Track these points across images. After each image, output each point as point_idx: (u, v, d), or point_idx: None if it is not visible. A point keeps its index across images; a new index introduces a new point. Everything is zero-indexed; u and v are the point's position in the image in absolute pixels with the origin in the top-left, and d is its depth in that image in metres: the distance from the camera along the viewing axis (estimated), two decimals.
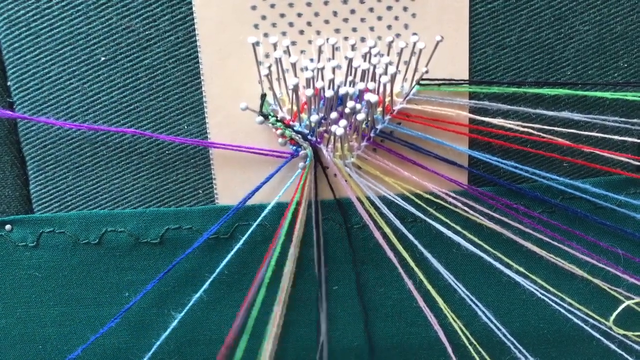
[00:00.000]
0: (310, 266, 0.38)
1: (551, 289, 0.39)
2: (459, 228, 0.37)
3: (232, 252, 0.36)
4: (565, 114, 0.36)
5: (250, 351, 0.37)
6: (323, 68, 0.32)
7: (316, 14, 0.34)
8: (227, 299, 0.38)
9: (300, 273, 0.38)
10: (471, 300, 0.38)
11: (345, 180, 0.37)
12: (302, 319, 0.39)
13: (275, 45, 0.33)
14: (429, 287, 0.38)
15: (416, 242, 0.37)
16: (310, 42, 0.34)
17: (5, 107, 0.35)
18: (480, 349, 0.39)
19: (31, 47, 0.34)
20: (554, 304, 0.38)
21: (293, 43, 0.34)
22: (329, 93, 0.32)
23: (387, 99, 0.34)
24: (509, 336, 0.39)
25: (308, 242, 0.38)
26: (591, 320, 0.39)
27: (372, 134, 0.35)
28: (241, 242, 0.36)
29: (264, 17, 0.34)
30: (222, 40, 0.34)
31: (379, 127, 0.35)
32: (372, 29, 0.34)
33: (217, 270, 0.36)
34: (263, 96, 0.34)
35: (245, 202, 0.36)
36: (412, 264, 0.38)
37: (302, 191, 0.36)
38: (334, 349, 0.40)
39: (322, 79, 0.33)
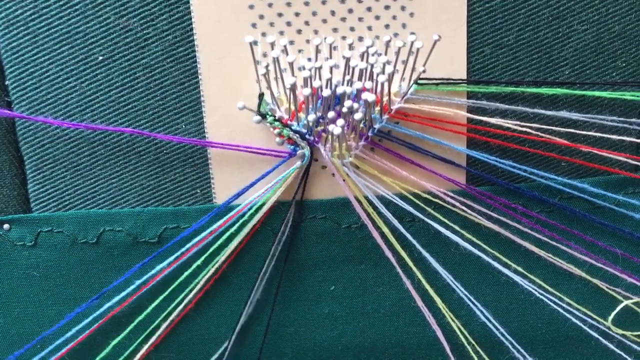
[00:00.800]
0: (306, 267, 0.38)
1: (549, 288, 0.39)
2: (457, 227, 0.37)
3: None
4: (563, 114, 0.36)
5: None
6: (321, 67, 0.32)
7: (314, 13, 0.34)
8: (224, 297, 0.38)
9: (298, 274, 0.38)
10: (469, 299, 0.38)
11: (343, 180, 0.37)
12: (300, 318, 0.39)
13: (272, 45, 0.33)
14: (427, 286, 0.38)
15: (414, 242, 0.37)
16: (308, 41, 0.34)
17: (3, 106, 0.35)
18: (478, 349, 0.39)
19: (29, 47, 0.34)
20: (552, 304, 0.38)
21: (291, 42, 0.34)
22: (326, 92, 0.32)
23: (385, 99, 0.34)
24: (507, 336, 0.39)
25: (301, 243, 0.38)
26: (590, 320, 0.39)
27: (370, 134, 0.35)
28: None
29: (261, 17, 0.34)
30: (219, 39, 0.34)
31: (376, 126, 0.35)
32: (370, 28, 0.34)
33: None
34: (261, 95, 0.34)
35: (232, 200, 0.36)
36: (410, 263, 0.38)
37: (277, 190, 0.36)
38: (332, 349, 0.40)
39: (320, 78, 0.33)
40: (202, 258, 0.36)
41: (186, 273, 0.36)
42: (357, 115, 0.32)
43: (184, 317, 0.38)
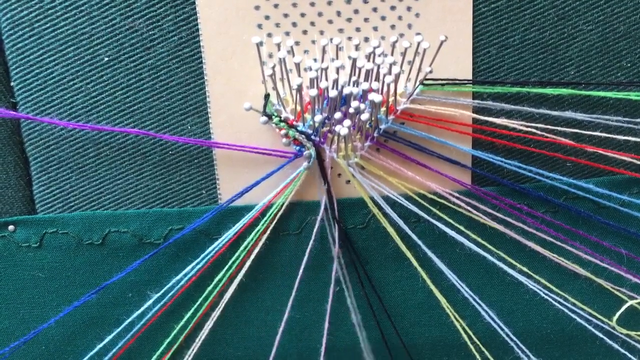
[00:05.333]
0: (311, 267, 0.38)
1: (554, 288, 0.39)
2: (462, 228, 0.37)
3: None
4: (568, 114, 0.36)
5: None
6: (327, 68, 0.32)
7: (320, 14, 0.34)
8: (237, 300, 0.38)
9: (303, 274, 0.38)
10: (474, 300, 0.38)
11: (349, 181, 0.37)
12: (305, 318, 0.39)
13: (278, 45, 0.33)
14: (433, 287, 0.38)
15: (419, 242, 0.37)
16: (313, 42, 0.34)
17: (9, 107, 0.35)
18: (483, 349, 0.39)
19: (34, 48, 0.34)
20: (557, 304, 0.38)
21: (297, 43, 0.34)
22: (332, 93, 0.32)
23: (391, 99, 0.34)
24: (512, 336, 0.39)
25: (305, 244, 0.38)
26: (594, 320, 0.39)
27: (375, 134, 0.35)
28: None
29: (267, 17, 0.34)
30: (225, 40, 0.34)
31: (382, 127, 0.35)
32: (375, 28, 0.34)
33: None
34: (267, 96, 0.34)
35: (236, 199, 0.36)
36: (415, 263, 0.38)
37: (292, 191, 0.36)
38: (337, 349, 0.40)
39: (326, 79, 0.33)
40: (230, 263, 0.37)
41: (217, 277, 0.37)
42: (364, 116, 0.32)
43: (199, 322, 0.38)
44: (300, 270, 0.37)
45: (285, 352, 0.40)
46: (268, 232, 0.36)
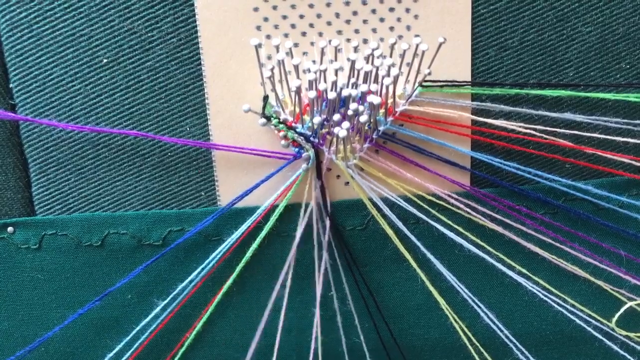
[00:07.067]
0: (309, 269, 0.38)
1: (553, 290, 0.39)
2: (461, 229, 0.37)
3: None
4: (567, 115, 0.36)
5: None
6: (325, 70, 0.32)
7: (318, 16, 0.34)
8: (234, 300, 0.38)
9: (301, 276, 0.38)
10: (473, 301, 0.38)
11: (348, 182, 0.37)
12: (304, 320, 0.39)
13: (277, 47, 0.33)
14: (432, 288, 0.38)
15: (418, 244, 0.37)
16: (312, 43, 0.34)
17: (8, 109, 0.35)
18: (482, 350, 0.39)
19: (33, 49, 0.34)
20: (556, 305, 0.38)
21: (295, 45, 0.34)
22: (331, 95, 0.32)
23: (390, 101, 0.34)
24: (511, 337, 0.39)
25: (304, 245, 0.38)
26: (593, 322, 0.39)
27: (374, 136, 0.35)
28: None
29: (266, 19, 0.34)
30: (224, 42, 0.34)
31: (381, 128, 0.35)
32: (374, 30, 0.34)
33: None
34: (265, 98, 0.34)
35: (237, 202, 0.36)
36: (414, 265, 0.38)
37: (294, 193, 0.36)
38: (335, 351, 0.40)
39: (325, 80, 0.33)
40: (239, 266, 0.37)
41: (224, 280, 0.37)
42: (363, 118, 0.32)
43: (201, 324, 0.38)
44: (321, 275, 0.37)
45: (283, 353, 0.40)
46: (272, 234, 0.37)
